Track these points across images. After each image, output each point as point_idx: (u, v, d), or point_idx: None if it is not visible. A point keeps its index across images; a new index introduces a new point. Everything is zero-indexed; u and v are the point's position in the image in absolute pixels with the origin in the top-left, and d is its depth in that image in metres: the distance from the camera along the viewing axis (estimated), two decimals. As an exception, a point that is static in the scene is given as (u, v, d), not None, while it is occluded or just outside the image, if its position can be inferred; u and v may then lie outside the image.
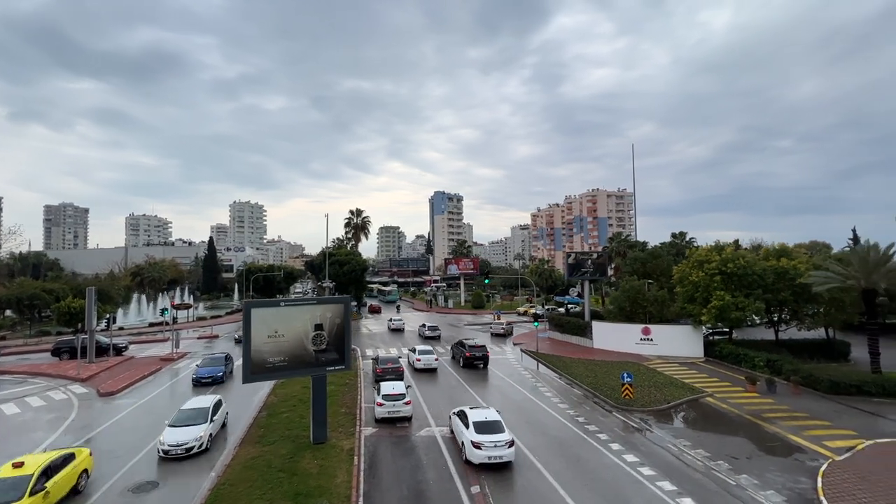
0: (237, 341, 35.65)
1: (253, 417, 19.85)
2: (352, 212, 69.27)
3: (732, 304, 30.10)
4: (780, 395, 23.48)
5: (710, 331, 37.24)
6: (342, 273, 60.11)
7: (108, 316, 38.71)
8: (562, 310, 56.67)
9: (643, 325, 34.74)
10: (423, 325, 44.41)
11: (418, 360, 29.82)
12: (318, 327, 16.69)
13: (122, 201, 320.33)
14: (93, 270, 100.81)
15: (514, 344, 40.36)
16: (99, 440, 17.82)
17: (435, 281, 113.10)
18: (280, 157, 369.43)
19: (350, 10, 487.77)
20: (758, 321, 37.33)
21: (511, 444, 15.12)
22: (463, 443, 15.64)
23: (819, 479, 14.03)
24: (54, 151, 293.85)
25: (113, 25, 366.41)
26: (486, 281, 63.21)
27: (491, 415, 16.27)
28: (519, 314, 64.09)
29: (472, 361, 30.47)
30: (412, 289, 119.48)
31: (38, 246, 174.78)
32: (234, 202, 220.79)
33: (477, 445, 14.79)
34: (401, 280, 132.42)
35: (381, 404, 19.53)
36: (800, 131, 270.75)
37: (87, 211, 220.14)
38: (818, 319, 31.62)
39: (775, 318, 33.80)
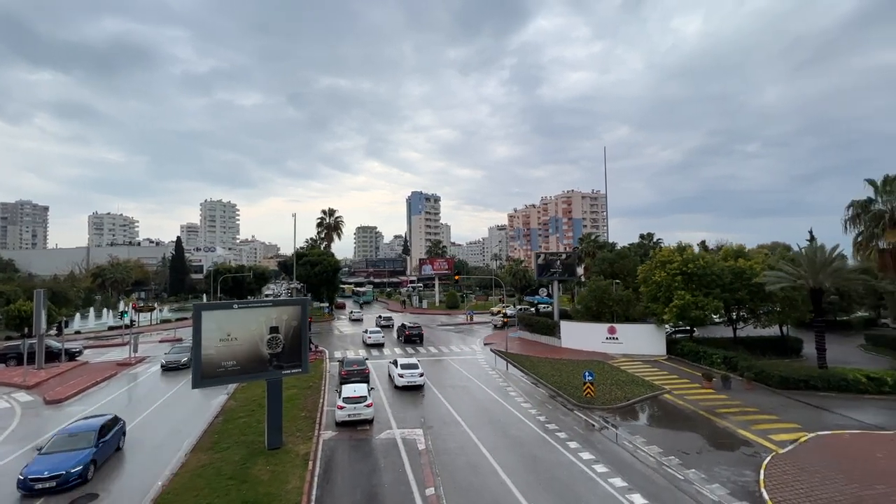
0: (165, 367, 29.52)
1: (208, 423, 19.25)
2: (324, 211, 68.38)
3: (693, 304, 31.06)
4: (735, 391, 24.34)
5: (674, 329, 38.35)
6: (313, 274, 59.16)
7: (61, 319, 36.88)
8: (533, 310, 57.31)
9: (609, 325, 35.47)
10: (379, 316, 46.85)
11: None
12: (274, 330, 16.32)
13: (85, 199, 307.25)
14: (52, 272, 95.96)
15: (485, 344, 40.57)
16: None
17: (412, 281, 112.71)
18: (255, 156, 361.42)
19: (328, 7, 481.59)
20: (717, 319, 38.73)
21: (422, 374, 25.69)
22: (391, 376, 26.42)
23: (762, 472, 14.57)
24: (10, 146, 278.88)
25: (76, 14, 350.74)
26: (456, 281, 63.37)
27: (411, 361, 26.34)
28: (492, 314, 64.46)
29: (411, 338, 40.86)
30: (388, 289, 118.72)
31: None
32: (206, 201, 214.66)
33: (401, 375, 24.81)
34: (377, 280, 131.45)
35: (341, 407, 19.26)
36: (766, 136, 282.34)
37: (46, 209, 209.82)
38: (773, 317, 32.97)
39: (734, 317, 35.07)
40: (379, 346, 39.44)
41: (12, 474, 14.01)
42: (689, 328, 36.27)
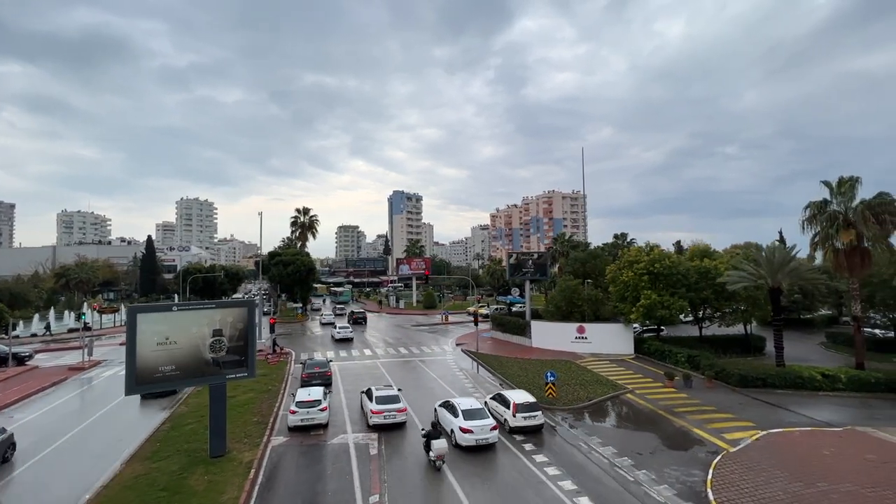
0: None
1: (153, 430, 18.43)
2: (298, 210, 67.06)
3: (659, 303, 31.33)
4: (695, 390, 24.55)
5: (643, 328, 38.72)
6: (286, 274, 57.98)
7: (7, 322, 35.13)
8: (507, 309, 57.29)
9: (578, 324, 35.55)
10: (352, 311, 54.44)
11: (376, 412, 18.68)
12: (217, 333, 15.67)
13: (58, 196, 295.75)
14: (14, 271, 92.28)
15: (457, 344, 40.29)
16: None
17: (392, 282, 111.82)
18: (237, 153, 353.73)
19: (313, 3, 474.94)
20: (683, 318, 39.25)
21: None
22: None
23: (710, 472, 14.57)
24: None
25: (46, 3, 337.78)
26: (426, 280, 62.93)
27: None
28: (469, 314, 64.26)
29: (357, 320, 52.90)
30: (367, 289, 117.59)
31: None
32: (182, 199, 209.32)
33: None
34: (357, 280, 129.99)
35: (293, 412, 18.65)
36: (745, 139, 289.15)
37: (12, 206, 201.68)
38: (737, 316, 33.53)
39: (700, 316, 35.58)
40: (348, 341, 41.29)
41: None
42: (657, 327, 36.64)
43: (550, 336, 36.69)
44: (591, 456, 16.30)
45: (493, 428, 16.87)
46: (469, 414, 17.15)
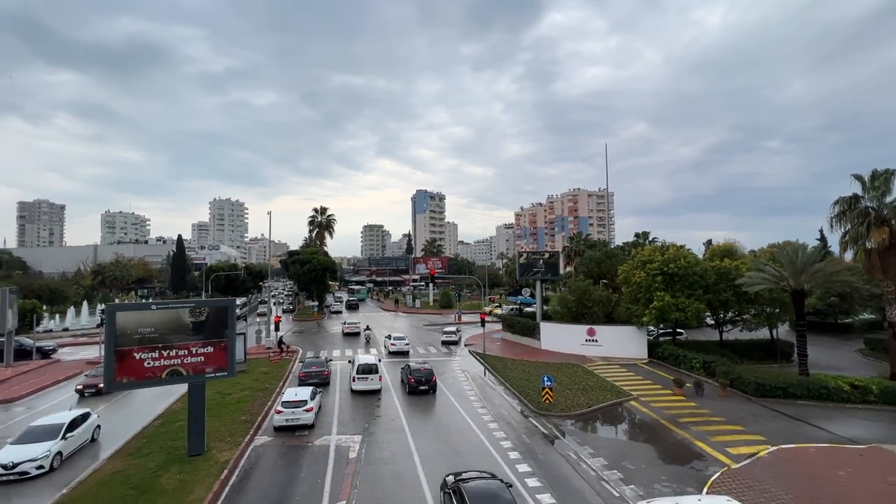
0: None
1: (143, 426, 18.75)
2: (315, 210, 68.10)
3: (673, 305, 29.69)
4: (707, 398, 23.01)
5: (660, 331, 36.94)
6: (303, 272, 58.89)
7: (32, 317, 37.03)
8: (518, 310, 56.13)
9: (588, 326, 34.23)
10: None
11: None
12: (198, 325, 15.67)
13: (105, 198, 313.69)
14: (60, 269, 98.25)
15: (466, 345, 39.67)
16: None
17: (414, 280, 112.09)
18: (269, 154, 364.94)
19: (341, 3, 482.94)
20: (706, 322, 37.22)
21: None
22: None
23: (704, 489, 13.44)
24: (32, 146, 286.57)
25: (93, 14, 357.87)
26: (431, 280, 62.33)
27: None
28: (486, 314, 63.42)
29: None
30: (389, 288, 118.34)
31: (12, 244, 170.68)
32: (214, 199, 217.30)
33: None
34: (379, 279, 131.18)
35: (279, 412, 18.60)
36: (788, 132, 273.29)
37: (63, 208, 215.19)
38: (760, 320, 31.41)
39: (720, 319, 33.58)
40: (355, 335, 42.98)
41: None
42: (674, 330, 34.85)
43: (560, 338, 35.52)
44: (579, 468, 15.37)
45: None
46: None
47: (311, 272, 58.46)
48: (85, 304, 56.26)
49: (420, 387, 23.82)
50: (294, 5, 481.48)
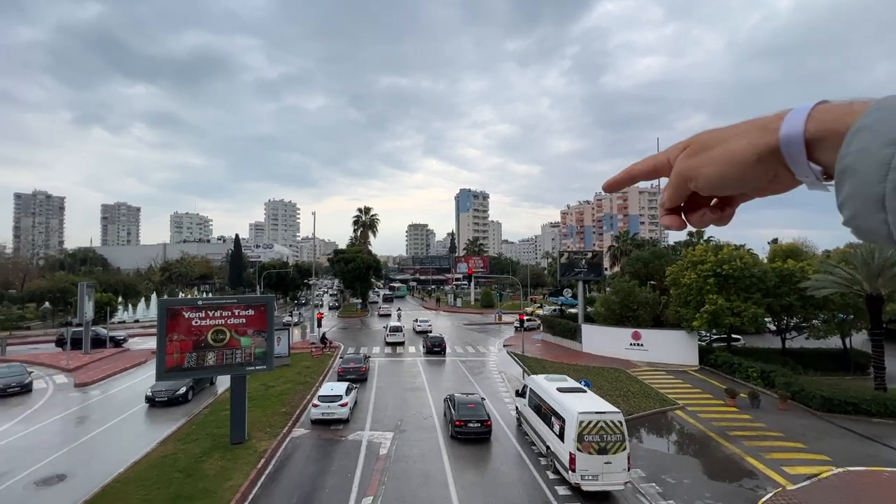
0: None
1: (194, 414, 20.07)
2: (360, 210, 69.96)
3: (727, 309, 27.64)
4: (763, 411, 21.20)
5: (713, 336, 34.61)
6: (347, 270, 60.71)
7: (108, 308, 40.75)
8: (559, 311, 54.52)
9: (633, 330, 32.64)
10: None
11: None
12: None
13: (174, 200, 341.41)
14: (135, 266, 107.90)
15: (504, 345, 39.15)
16: (38, 434, 18.48)
17: (457, 279, 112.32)
18: (319, 157, 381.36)
19: (388, 5, 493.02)
20: (767, 328, 34.41)
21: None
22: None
23: (753, 512, 12.39)
24: (113, 154, 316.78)
25: (162, 30, 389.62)
26: (471, 279, 61.97)
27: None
28: (526, 314, 62.32)
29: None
30: (432, 287, 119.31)
31: (97, 242, 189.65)
32: (269, 200, 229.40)
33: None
34: (423, 278, 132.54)
35: (315, 405, 19.24)
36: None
37: (138, 209, 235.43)
38: (831, 327, 28.51)
39: (783, 325, 30.87)
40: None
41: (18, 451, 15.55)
42: (729, 336, 32.47)
43: (602, 341, 34.15)
44: (613, 478, 14.65)
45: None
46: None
47: (355, 270, 60.16)
48: (154, 297, 61.22)
49: (434, 348, 34.31)
50: (343, 11, 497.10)
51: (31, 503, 12.95)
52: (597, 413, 13.39)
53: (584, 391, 16.49)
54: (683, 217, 0.85)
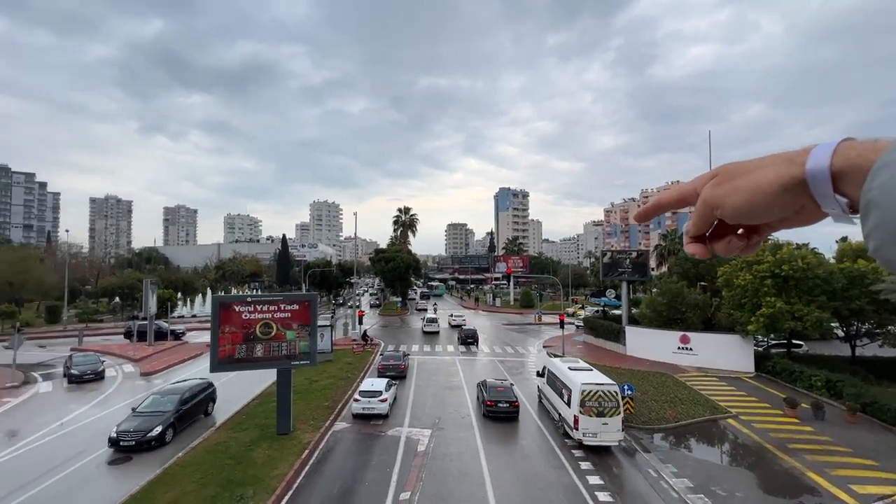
0: None
1: (244, 404, 21.20)
2: (399, 210, 71.15)
3: (787, 313, 25.77)
4: (828, 424, 19.59)
5: (772, 342, 32.39)
6: (388, 269, 61.93)
7: (168, 303, 43.85)
8: (602, 312, 52.79)
9: (681, 333, 31.12)
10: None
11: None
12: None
13: (227, 202, 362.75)
14: (192, 264, 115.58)
15: (544, 346, 38.55)
16: (109, 417, 20.16)
17: (496, 279, 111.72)
18: (361, 158, 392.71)
19: (427, 6, 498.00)
20: (834, 333, 31.78)
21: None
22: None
23: (815, 531, 11.51)
24: (173, 159, 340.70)
25: (216, 42, 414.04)
26: (510, 279, 61.21)
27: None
28: (568, 314, 60.99)
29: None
30: (471, 286, 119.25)
31: (160, 242, 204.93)
32: (314, 202, 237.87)
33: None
34: (462, 277, 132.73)
35: (356, 400, 19.79)
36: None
37: (195, 212, 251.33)
38: (910, 334, 25.92)
39: (853, 331, 28.36)
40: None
41: (91, 432, 17.08)
42: (789, 341, 30.24)
43: (648, 344, 32.82)
44: (658, 487, 14.10)
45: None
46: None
47: (395, 269, 61.29)
48: (209, 293, 65.26)
49: (467, 339, 38.10)
50: (383, 14, 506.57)
51: (103, 480, 14.19)
52: (596, 384, 16.74)
53: (591, 369, 19.44)
54: (708, 245, 0.87)
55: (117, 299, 63.61)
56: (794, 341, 30.76)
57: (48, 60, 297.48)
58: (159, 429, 16.37)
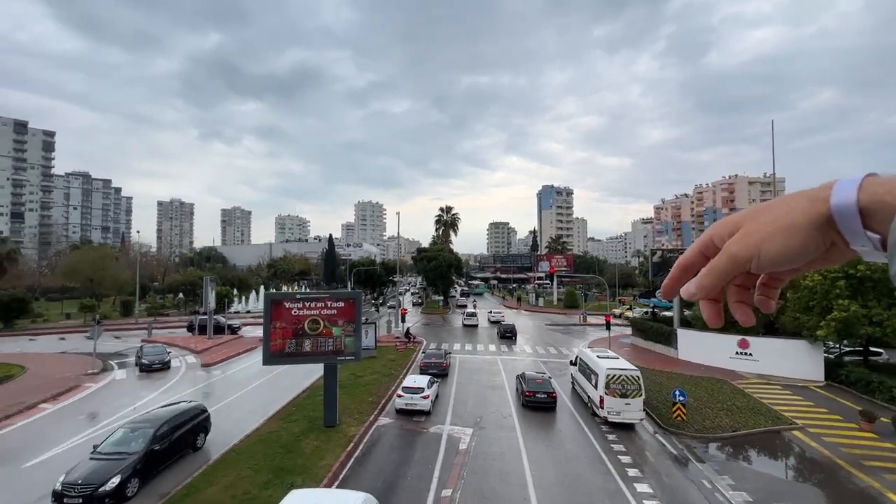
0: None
1: (294, 396, 22.19)
2: (441, 209, 71.72)
3: (863, 317, 23.56)
4: (913, 441, 17.71)
5: (844, 349, 29.70)
6: (430, 268, 62.57)
7: (225, 299, 46.69)
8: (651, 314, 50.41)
9: (740, 337, 29.21)
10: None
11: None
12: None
13: (278, 203, 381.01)
14: (246, 263, 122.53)
15: (588, 348, 37.44)
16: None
17: (539, 278, 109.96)
18: (404, 158, 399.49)
19: (467, 6, 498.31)
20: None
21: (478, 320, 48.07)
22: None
23: (895, 558, 10.46)
24: (229, 164, 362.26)
25: (267, 50, 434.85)
26: (552, 278, 59.88)
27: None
28: (615, 316, 58.91)
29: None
30: (513, 286, 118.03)
31: (218, 242, 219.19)
32: (358, 202, 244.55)
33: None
34: (504, 276, 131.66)
35: (399, 395, 20.18)
36: None
37: (249, 213, 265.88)
38: None
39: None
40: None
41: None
42: (866, 348, 27.58)
43: (702, 348, 31.07)
44: (713, 499, 13.35)
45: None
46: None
47: (437, 268, 61.82)
48: (262, 290, 68.86)
49: (506, 334, 40.04)
50: (425, 16, 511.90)
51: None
52: (620, 369, 18.96)
53: (617, 357, 21.59)
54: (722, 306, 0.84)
55: (181, 295, 68.48)
56: (871, 349, 28.05)
57: (121, 75, 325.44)
58: (116, 480, 11.93)
